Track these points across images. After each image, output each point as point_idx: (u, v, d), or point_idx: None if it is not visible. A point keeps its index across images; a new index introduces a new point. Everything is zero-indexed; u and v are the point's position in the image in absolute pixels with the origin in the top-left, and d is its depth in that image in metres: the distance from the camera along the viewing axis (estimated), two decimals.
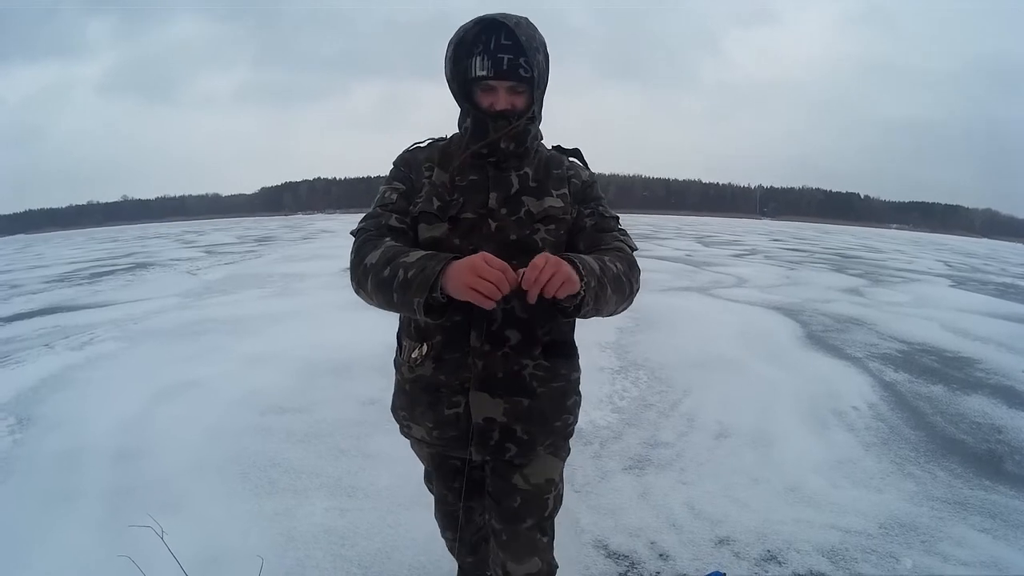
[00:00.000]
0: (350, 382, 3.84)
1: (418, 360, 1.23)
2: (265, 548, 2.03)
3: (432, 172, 1.21)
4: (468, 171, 1.20)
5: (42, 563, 2.02)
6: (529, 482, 1.28)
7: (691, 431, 3.23)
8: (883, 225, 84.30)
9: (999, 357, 4.98)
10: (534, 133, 1.22)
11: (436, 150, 1.25)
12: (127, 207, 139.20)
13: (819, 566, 2.07)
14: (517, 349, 1.20)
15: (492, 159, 1.19)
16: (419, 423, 1.27)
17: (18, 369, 4.40)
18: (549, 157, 1.27)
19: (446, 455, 1.34)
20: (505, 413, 1.21)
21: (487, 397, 1.20)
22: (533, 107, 1.18)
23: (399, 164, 1.26)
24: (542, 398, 1.24)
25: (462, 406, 1.21)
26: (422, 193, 1.20)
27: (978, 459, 2.98)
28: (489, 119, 1.16)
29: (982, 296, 9.04)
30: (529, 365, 1.22)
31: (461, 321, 1.17)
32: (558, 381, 1.26)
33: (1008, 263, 18.27)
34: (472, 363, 1.19)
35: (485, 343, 1.18)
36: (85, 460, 2.79)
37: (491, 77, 1.14)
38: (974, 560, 2.12)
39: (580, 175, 1.27)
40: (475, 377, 1.19)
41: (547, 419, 1.26)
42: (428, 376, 1.22)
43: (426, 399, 1.24)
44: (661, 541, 2.20)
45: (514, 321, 1.19)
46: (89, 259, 15.31)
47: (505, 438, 1.22)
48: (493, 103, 1.16)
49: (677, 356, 4.62)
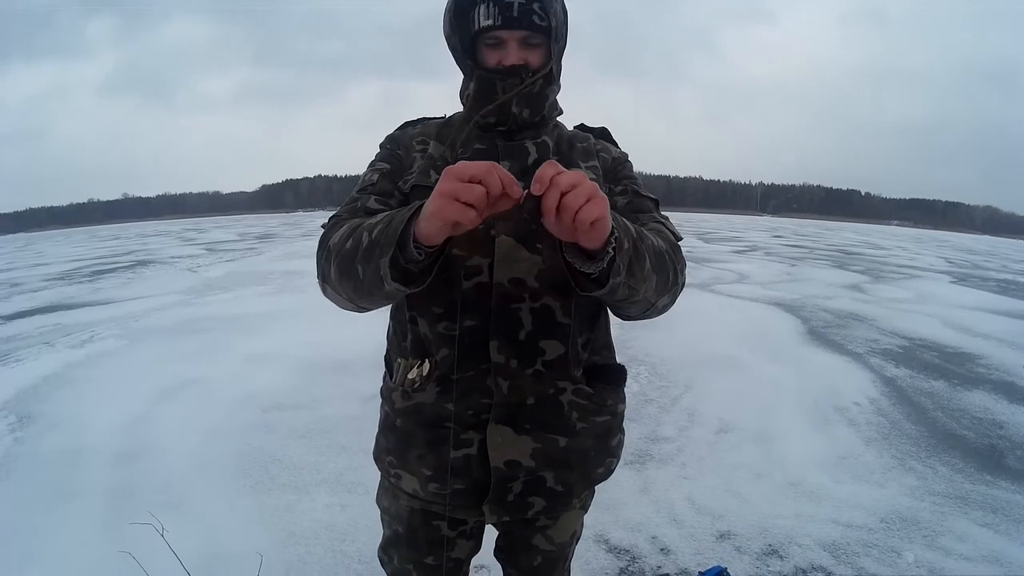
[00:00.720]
0: (351, 378, 3.84)
1: (417, 383, 0.93)
2: (266, 545, 2.04)
3: (427, 145, 0.98)
4: (472, 142, 0.96)
5: (43, 561, 2.02)
6: (553, 542, 1.07)
7: (692, 426, 3.23)
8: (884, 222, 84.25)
9: (1000, 353, 4.98)
10: (552, 100, 0.98)
11: (432, 125, 1.03)
12: (128, 205, 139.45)
13: (820, 560, 2.07)
14: (554, 367, 0.92)
15: (501, 128, 0.95)
16: (413, 471, 0.96)
17: (19, 367, 4.40)
18: (572, 133, 1.04)
19: (432, 516, 1.01)
20: (535, 455, 0.92)
21: (511, 433, 0.91)
22: (551, 63, 0.94)
23: (384, 143, 1.03)
24: (583, 436, 0.96)
25: (474, 445, 0.91)
26: (413, 168, 0.96)
27: (979, 454, 2.98)
28: (497, 78, 0.92)
29: (983, 292, 9.04)
30: (568, 390, 0.94)
31: (477, 327, 0.89)
32: (603, 414, 0.98)
33: (1009, 260, 18.25)
34: (493, 385, 0.90)
35: (511, 357, 0.90)
36: (86, 458, 2.79)
37: (499, 27, 0.91)
38: (975, 554, 2.12)
39: (610, 150, 1.03)
40: (496, 404, 0.90)
41: (588, 465, 0.98)
42: (430, 405, 0.93)
43: (424, 437, 0.94)
44: (662, 536, 2.20)
45: (551, 327, 0.91)
46: (90, 257, 15.31)
47: (530, 490, 0.93)
48: (501, 59, 0.92)
49: (678, 352, 4.61)
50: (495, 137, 0.95)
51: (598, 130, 1.08)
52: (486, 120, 0.94)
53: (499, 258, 0.88)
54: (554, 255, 0.83)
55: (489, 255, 0.89)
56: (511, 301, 0.89)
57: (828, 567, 2.03)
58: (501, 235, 0.89)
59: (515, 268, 0.88)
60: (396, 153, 0.99)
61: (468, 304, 0.89)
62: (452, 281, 0.89)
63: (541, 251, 0.89)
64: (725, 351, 4.73)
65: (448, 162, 0.91)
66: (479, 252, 0.89)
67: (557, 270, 0.86)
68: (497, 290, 0.88)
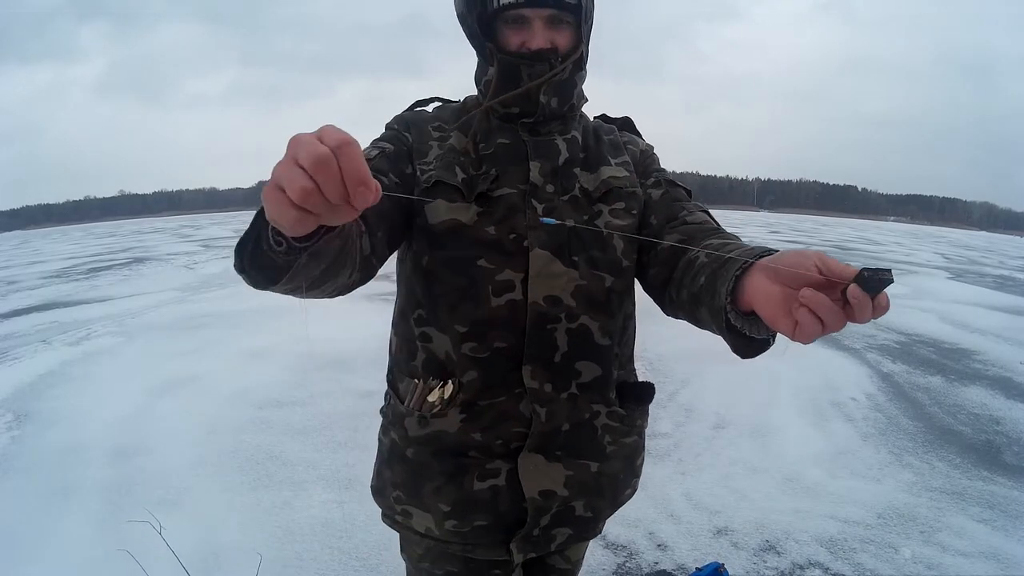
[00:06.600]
0: (348, 375, 3.84)
1: (437, 406, 0.83)
2: (263, 541, 2.03)
3: (445, 133, 0.87)
4: (494, 135, 0.85)
5: (41, 558, 2.02)
6: (570, 560, 1.05)
7: (689, 422, 3.23)
8: (881, 217, 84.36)
9: (997, 348, 4.99)
10: (580, 88, 0.88)
11: (448, 109, 0.92)
12: (124, 202, 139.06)
13: (818, 556, 2.07)
14: (589, 389, 0.85)
15: (527, 120, 0.85)
16: (427, 507, 0.86)
17: (16, 365, 4.38)
18: (596, 124, 0.95)
19: (450, 557, 0.89)
20: (568, 483, 0.85)
21: (542, 461, 0.84)
22: (581, 47, 0.84)
23: (391, 124, 0.90)
24: (613, 460, 0.90)
25: (502, 475, 0.84)
26: (429, 158, 0.84)
27: (976, 450, 2.99)
28: (522, 63, 0.81)
29: (980, 288, 9.06)
30: (602, 413, 0.87)
31: (508, 350, 0.81)
32: (632, 435, 0.93)
33: (1006, 255, 18.29)
34: (530, 412, 0.82)
35: (545, 382, 0.82)
36: (83, 456, 2.78)
37: (522, 3, 0.80)
38: (972, 550, 2.13)
39: (637, 143, 0.96)
40: (534, 433, 0.83)
41: (617, 489, 0.93)
42: (453, 433, 0.83)
43: (441, 469, 0.85)
44: (659, 532, 2.20)
45: (588, 348, 0.83)
46: (86, 254, 15.25)
47: (558, 521, 0.86)
48: (526, 41, 0.81)
49: (674, 347, 4.61)
50: (519, 130, 0.86)
51: (621, 120, 1.00)
52: (508, 111, 0.85)
53: (533, 274, 0.80)
54: (590, 271, 0.81)
55: (522, 269, 0.80)
56: (546, 322, 0.81)
57: (825, 563, 2.04)
58: (535, 247, 0.80)
59: (551, 285, 0.80)
60: (403, 136, 0.87)
61: (498, 323, 0.80)
62: (478, 296, 0.80)
63: (577, 264, 0.81)
64: (722, 346, 4.71)
65: (471, 158, 0.84)
66: (510, 265, 0.80)
67: (595, 286, 0.82)
68: (533, 310, 0.80)
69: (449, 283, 0.81)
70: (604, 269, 0.83)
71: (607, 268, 0.83)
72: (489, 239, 0.80)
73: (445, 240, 0.81)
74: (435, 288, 0.82)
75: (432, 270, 0.82)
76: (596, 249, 0.82)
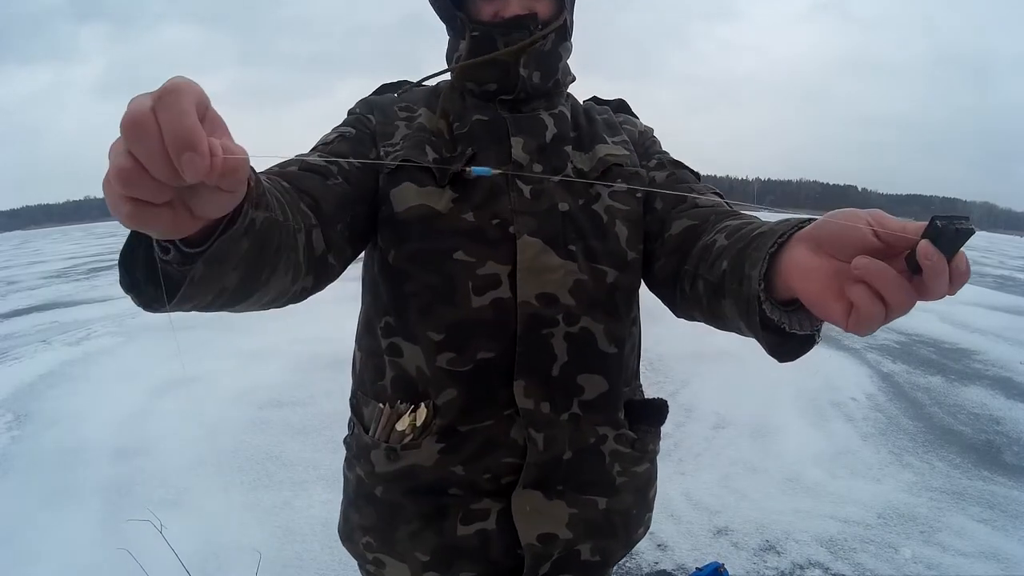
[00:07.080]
0: (348, 375, 3.83)
1: (408, 435, 0.69)
2: (263, 541, 2.03)
3: (413, 112, 0.75)
4: (469, 112, 0.73)
5: (42, 558, 2.02)
6: None
7: (689, 421, 3.23)
8: None
9: (997, 348, 4.99)
10: (565, 63, 0.76)
11: (416, 92, 0.79)
12: None
13: (818, 556, 2.07)
14: (594, 408, 0.71)
15: (507, 96, 0.73)
16: (401, 556, 0.72)
17: (16, 365, 4.39)
18: (587, 104, 0.84)
19: None
20: (571, 524, 0.71)
21: (540, 498, 0.69)
22: (564, 15, 0.73)
23: (353, 109, 0.78)
24: (624, 493, 0.76)
25: (491, 517, 0.69)
26: (395, 139, 0.72)
27: (976, 450, 2.99)
28: (496, 32, 0.69)
29: (980, 288, 9.04)
30: (609, 437, 0.73)
31: (494, 361, 0.67)
32: (643, 462, 0.79)
33: (1006, 255, 18.29)
34: (523, 439, 0.68)
35: (541, 400, 0.68)
36: (83, 456, 2.78)
37: None
38: (972, 550, 2.13)
39: (635, 124, 0.83)
40: (530, 464, 0.68)
41: (630, 527, 0.78)
42: (429, 468, 0.69)
43: (417, 510, 0.70)
44: (659, 532, 2.20)
45: (591, 358, 0.70)
46: (87, 254, 15.26)
47: (560, 569, 0.72)
48: (499, 11, 0.70)
49: (675, 347, 4.60)
50: (498, 108, 0.74)
51: (616, 102, 0.87)
52: (485, 87, 0.73)
53: (522, 266, 0.66)
54: (589, 264, 0.68)
55: (508, 261, 0.67)
56: (541, 325, 0.67)
57: (825, 563, 2.04)
58: (524, 234, 0.67)
59: (544, 280, 0.67)
60: (365, 118, 0.75)
61: (482, 328, 0.66)
62: (456, 295, 0.67)
63: (575, 255, 0.68)
64: (722, 346, 4.72)
65: (445, 139, 0.71)
66: (494, 256, 0.67)
67: (596, 282, 0.68)
68: (523, 310, 0.66)
69: (420, 280, 0.68)
70: (605, 262, 0.69)
71: (608, 261, 0.70)
72: (467, 227, 0.67)
73: (414, 231, 0.67)
74: (404, 288, 0.69)
75: (400, 268, 0.68)
76: (595, 238, 0.69)
